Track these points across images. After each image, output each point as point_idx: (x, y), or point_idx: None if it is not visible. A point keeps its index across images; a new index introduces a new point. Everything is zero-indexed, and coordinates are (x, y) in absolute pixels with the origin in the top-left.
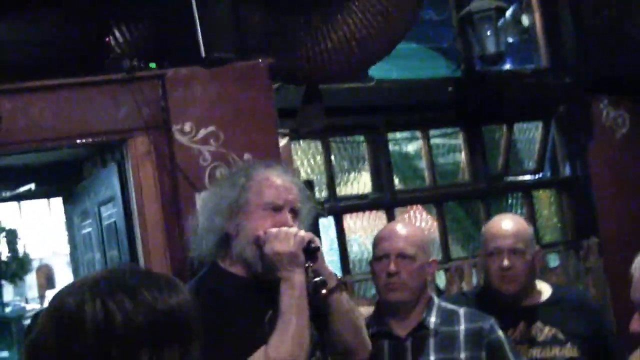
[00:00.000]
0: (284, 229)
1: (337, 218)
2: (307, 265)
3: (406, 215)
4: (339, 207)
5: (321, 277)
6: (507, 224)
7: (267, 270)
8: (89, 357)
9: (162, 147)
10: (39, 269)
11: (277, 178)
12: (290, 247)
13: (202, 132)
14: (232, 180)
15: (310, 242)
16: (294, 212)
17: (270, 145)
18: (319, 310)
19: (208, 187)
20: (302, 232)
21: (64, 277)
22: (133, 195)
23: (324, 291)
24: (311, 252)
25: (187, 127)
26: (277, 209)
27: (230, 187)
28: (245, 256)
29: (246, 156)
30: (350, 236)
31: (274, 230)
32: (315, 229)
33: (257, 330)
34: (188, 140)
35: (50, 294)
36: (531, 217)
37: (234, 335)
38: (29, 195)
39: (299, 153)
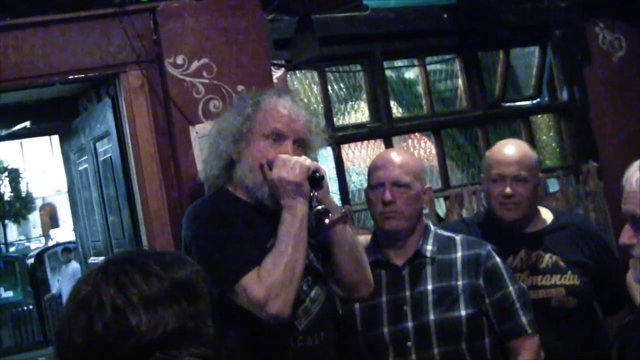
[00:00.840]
0: (293, 157)
1: (336, 148)
2: (311, 194)
3: (404, 144)
4: (337, 137)
5: (324, 206)
6: (511, 150)
7: (270, 196)
8: (112, 334)
9: (155, 81)
10: (42, 208)
11: (283, 108)
12: (295, 175)
13: (195, 65)
14: (240, 107)
15: (315, 171)
16: (301, 143)
17: (264, 76)
18: (322, 242)
19: (202, 120)
20: (308, 161)
21: (67, 216)
22: (127, 129)
23: (327, 220)
24: (316, 181)
25: (180, 60)
26: (280, 138)
27: (236, 114)
28: (246, 183)
29: (240, 88)
30: (348, 166)
31: (283, 156)
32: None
33: (258, 254)
34: (181, 73)
35: (53, 233)
36: (530, 143)
37: (235, 254)
38: (25, 134)
39: (295, 84)
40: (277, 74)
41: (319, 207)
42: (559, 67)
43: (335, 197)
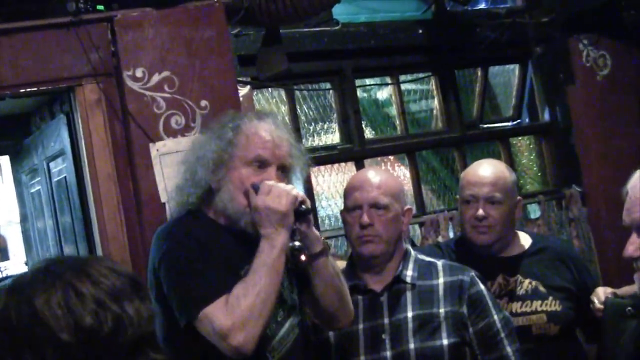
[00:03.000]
0: (280, 184)
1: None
2: (294, 227)
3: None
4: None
5: (299, 244)
6: (486, 170)
7: (251, 222)
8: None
9: (113, 95)
10: None
11: (266, 132)
12: (281, 205)
13: (156, 78)
14: (219, 131)
15: (302, 202)
16: (284, 169)
17: (229, 91)
18: (302, 273)
19: (164, 137)
20: (295, 191)
21: (19, 248)
22: (83, 147)
23: (302, 258)
24: (302, 214)
25: (139, 72)
26: (263, 165)
27: (217, 140)
28: (227, 211)
29: (203, 103)
30: (318, 191)
31: (270, 183)
32: None
33: (230, 280)
34: (140, 87)
35: (3, 266)
36: (510, 166)
37: (205, 278)
38: None
39: (262, 103)
40: (242, 91)
41: (296, 244)
42: (540, 86)
43: None
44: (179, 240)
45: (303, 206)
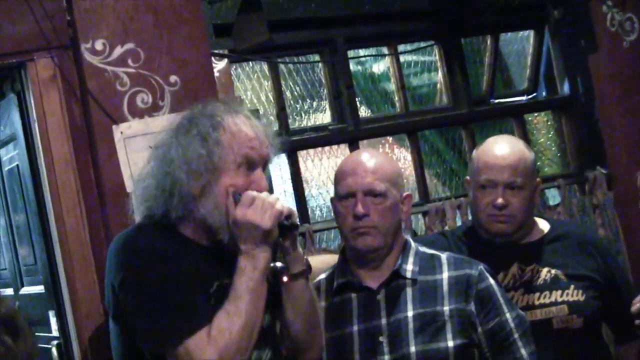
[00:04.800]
0: (263, 196)
1: (291, 155)
2: (278, 242)
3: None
4: (293, 143)
5: (282, 264)
6: (505, 150)
7: (230, 236)
8: None
9: (69, 71)
10: None
11: (249, 128)
12: (265, 220)
13: (118, 51)
14: (197, 129)
15: (288, 216)
16: (264, 166)
17: (202, 65)
18: (273, 292)
19: (128, 117)
20: (280, 204)
21: None
22: (37, 131)
23: (285, 279)
24: (286, 228)
25: (99, 45)
26: (251, 167)
27: (198, 139)
28: (209, 222)
29: (173, 79)
30: (307, 177)
31: (252, 193)
32: None
33: (197, 301)
34: (101, 61)
35: None
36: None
37: (181, 307)
38: None
39: (242, 78)
40: (218, 66)
41: (276, 265)
42: (558, 55)
43: None
44: (142, 255)
45: (287, 221)
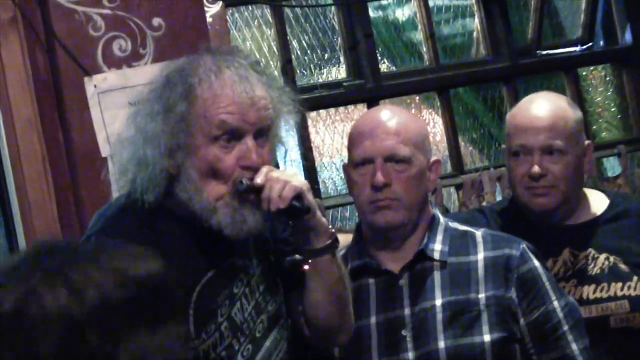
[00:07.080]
0: (276, 173)
1: (300, 117)
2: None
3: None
4: (302, 102)
5: (298, 256)
6: (540, 108)
7: (233, 224)
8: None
9: (32, 12)
10: None
11: (230, 88)
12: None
13: None
14: (164, 96)
15: (298, 196)
16: (264, 131)
17: (192, 6)
18: (289, 268)
19: (103, 68)
20: (293, 184)
21: None
22: None
23: (306, 267)
24: (294, 211)
25: None
26: (235, 136)
27: (165, 112)
28: (192, 206)
29: (156, 22)
30: (318, 144)
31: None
32: None
33: (187, 294)
34: (70, 1)
35: None
36: (578, 106)
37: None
38: None
39: (240, 25)
40: (211, 10)
41: (295, 257)
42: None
43: None
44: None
45: (298, 203)
